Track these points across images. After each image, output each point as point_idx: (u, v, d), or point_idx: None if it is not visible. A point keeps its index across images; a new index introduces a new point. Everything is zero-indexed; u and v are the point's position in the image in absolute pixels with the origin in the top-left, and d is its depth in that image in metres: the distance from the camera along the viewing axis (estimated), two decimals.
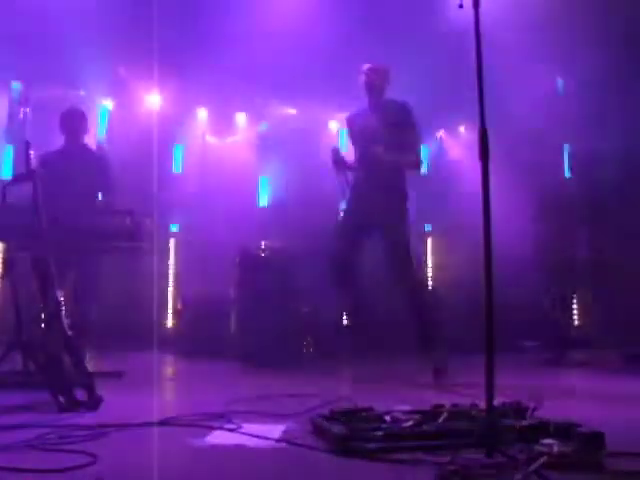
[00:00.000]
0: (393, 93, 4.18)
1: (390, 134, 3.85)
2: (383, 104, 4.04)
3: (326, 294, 5.53)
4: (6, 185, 2.93)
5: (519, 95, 6.27)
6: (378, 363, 4.48)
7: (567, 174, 7.38)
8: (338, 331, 5.45)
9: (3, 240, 2.93)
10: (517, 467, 1.54)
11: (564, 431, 1.81)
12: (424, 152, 8.25)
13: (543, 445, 1.69)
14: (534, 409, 2.09)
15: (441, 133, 8.29)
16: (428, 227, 7.90)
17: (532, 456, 1.60)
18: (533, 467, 1.51)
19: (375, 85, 4.01)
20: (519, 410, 2.09)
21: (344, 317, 5.31)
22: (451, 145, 8.12)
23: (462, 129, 7.96)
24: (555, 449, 1.65)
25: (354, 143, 4.11)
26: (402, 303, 3.84)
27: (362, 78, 4.01)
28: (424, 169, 8.23)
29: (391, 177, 3.89)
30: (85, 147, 4.52)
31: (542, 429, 1.86)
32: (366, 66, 4.03)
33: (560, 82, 7.34)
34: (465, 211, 6.65)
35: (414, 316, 3.78)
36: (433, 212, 7.68)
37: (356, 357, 4.95)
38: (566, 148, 7.47)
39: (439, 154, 8.20)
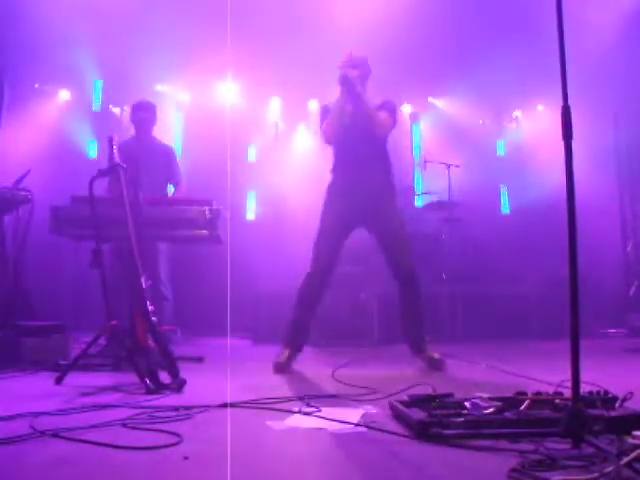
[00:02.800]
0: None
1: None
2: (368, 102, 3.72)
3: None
4: (93, 179, 3.07)
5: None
6: (448, 349, 4.40)
7: None
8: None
9: (92, 231, 3.07)
10: (607, 459, 1.47)
11: None
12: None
13: (636, 437, 1.60)
14: (624, 399, 1.99)
15: (518, 113, 8.00)
16: (506, 209, 7.68)
17: (624, 449, 1.52)
18: (626, 460, 1.43)
19: (360, 80, 3.67)
20: (607, 400, 2.00)
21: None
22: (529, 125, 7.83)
23: (540, 108, 7.65)
24: None
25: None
26: (397, 294, 3.69)
27: (340, 73, 3.63)
28: (501, 152, 8.02)
29: (379, 171, 3.70)
30: (153, 139, 4.68)
31: (635, 420, 1.77)
32: (344, 59, 3.67)
33: None
34: (545, 192, 6.43)
35: (407, 307, 3.67)
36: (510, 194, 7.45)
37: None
38: None
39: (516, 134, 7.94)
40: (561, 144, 1.77)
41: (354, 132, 3.64)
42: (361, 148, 3.66)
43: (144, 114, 4.52)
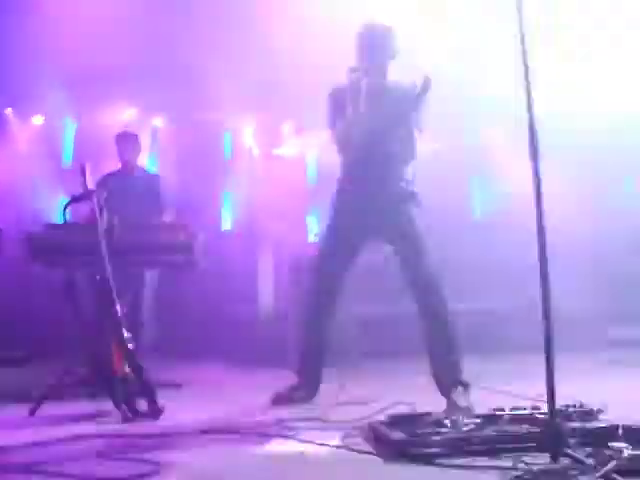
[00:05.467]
0: None
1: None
2: (390, 89, 3.11)
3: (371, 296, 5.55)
4: (66, 205, 3.05)
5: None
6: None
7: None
8: None
9: (65, 257, 3.03)
10: (584, 472, 1.49)
11: (634, 434, 1.74)
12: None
13: (612, 449, 1.63)
14: (600, 411, 2.02)
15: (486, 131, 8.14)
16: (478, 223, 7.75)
17: (600, 460, 1.54)
18: (602, 472, 1.45)
19: (382, 64, 3.07)
20: (584, 412, 2.03)
21: None
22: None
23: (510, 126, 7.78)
24: (625, 453, 1.58)
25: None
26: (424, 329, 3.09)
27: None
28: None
29: (397, 178, 3.09)
30: (139, 168, 4.71)
31: (610, 432, 1.79)
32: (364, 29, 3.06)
33: None
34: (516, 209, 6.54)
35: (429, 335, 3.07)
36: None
37: (407, 360, 4.89)
38: None
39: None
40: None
41: (369, 136, 3.04)
42: (377, 154, 3.07)
43: (127, 145, 4.55)
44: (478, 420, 1.98)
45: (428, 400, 2.82)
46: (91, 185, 3.08)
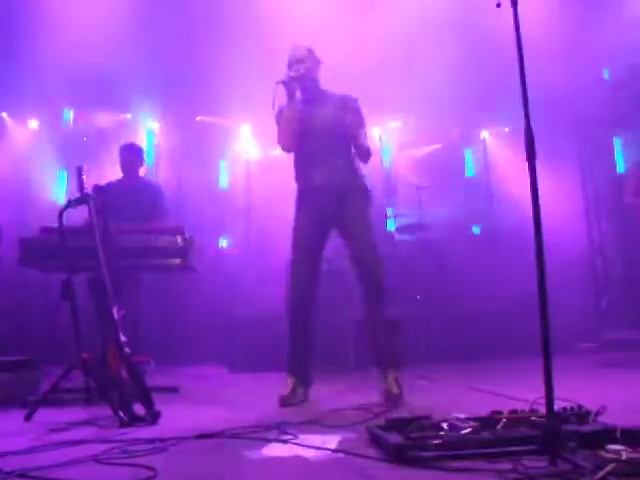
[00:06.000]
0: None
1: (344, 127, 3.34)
2: (325, 95, 3.49)
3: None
4: (62, 209, 3.03)
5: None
6: (421, 370, 4.41)
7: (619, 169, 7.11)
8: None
9: (61, 262, 3.02)
10: (583, 475, 1.49)
11: (632, 436, 1.74)
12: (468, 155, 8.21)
13: (610, 451, 1.62)
14: (597, 413, 2.02)
15: (485, 134, 8.16)
16: (476, 230, 7.77)
17: (598, 463, 1.54)
18: (600, 475, 1.45)
19: (310, 73, 3.42)
20: (581, 415, 2.02)
21: None
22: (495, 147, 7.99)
23: (506, 130, 7.81)
24: (623, 455, 1.58)
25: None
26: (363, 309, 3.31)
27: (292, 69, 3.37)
28: (469, 172, 8.16)
29: (340, 170, 3.38)
30: (141, 179, 4.76)
31: (608, 434, 1.79)
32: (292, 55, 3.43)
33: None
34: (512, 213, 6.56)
35: (369, 321, 3.30)
36: (480, 215, 7.57)
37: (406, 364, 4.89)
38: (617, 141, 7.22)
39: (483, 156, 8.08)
40: (526, 165, 1.82)
41: (311, 134, 3.39)
42: (320, 151, 3.39)
43: (131, 156, 4.59)
44: (476, 423, 1.98)
45: (426, 403, 2.82)
46: (88, 188, 3.07)
